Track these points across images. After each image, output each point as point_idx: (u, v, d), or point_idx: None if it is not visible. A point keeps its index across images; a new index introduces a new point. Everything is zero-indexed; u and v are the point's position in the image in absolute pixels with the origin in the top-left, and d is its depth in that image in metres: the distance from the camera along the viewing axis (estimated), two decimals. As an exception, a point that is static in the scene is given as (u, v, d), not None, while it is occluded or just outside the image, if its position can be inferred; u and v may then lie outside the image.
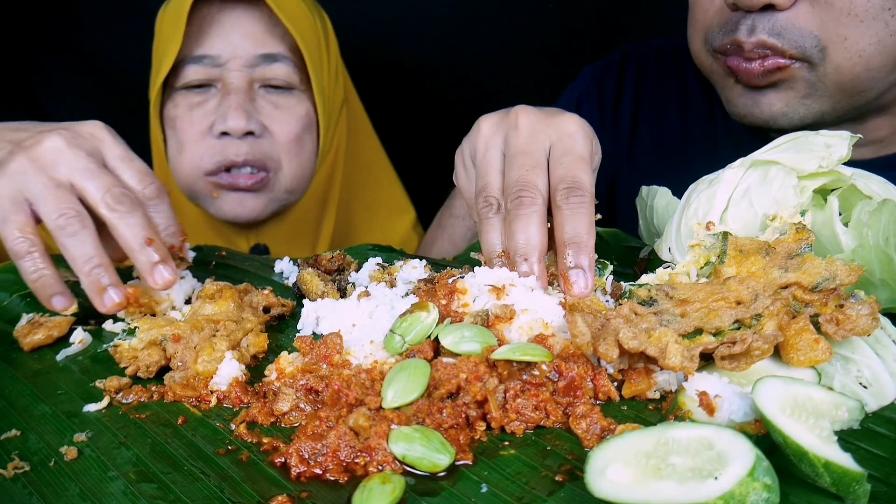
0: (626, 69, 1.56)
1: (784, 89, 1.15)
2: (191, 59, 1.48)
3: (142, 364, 0.84)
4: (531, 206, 0.88)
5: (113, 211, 0.90)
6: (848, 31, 1.09)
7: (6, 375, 0.87)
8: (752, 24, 1.12)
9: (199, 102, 1.50)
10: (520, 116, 0.97)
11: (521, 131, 0.95)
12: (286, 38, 1.50)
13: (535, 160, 0.92)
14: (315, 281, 1.00)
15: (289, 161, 1.53)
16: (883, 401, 0.71)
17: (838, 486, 0.57)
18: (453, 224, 1.46)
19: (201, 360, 0.82)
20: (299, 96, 1.54)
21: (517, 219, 0.88)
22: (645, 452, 0.58)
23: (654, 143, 1.50)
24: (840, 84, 1.12)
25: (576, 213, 0.87)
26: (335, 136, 1.64)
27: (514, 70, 2.15)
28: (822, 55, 1.10)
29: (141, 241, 0.89)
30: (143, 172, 0.96)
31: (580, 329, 0.73)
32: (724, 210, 0.88)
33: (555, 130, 0.95)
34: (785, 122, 1.17)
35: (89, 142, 0.95)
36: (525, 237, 0.87)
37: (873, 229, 0.78)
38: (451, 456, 0.66)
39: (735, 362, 0.70)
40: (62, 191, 0.90)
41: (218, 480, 0.66)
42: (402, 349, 0.78)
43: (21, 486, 0.67)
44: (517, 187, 0.90)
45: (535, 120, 0.96)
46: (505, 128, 0.98)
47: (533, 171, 0.91)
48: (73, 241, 0.88)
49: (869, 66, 1.10)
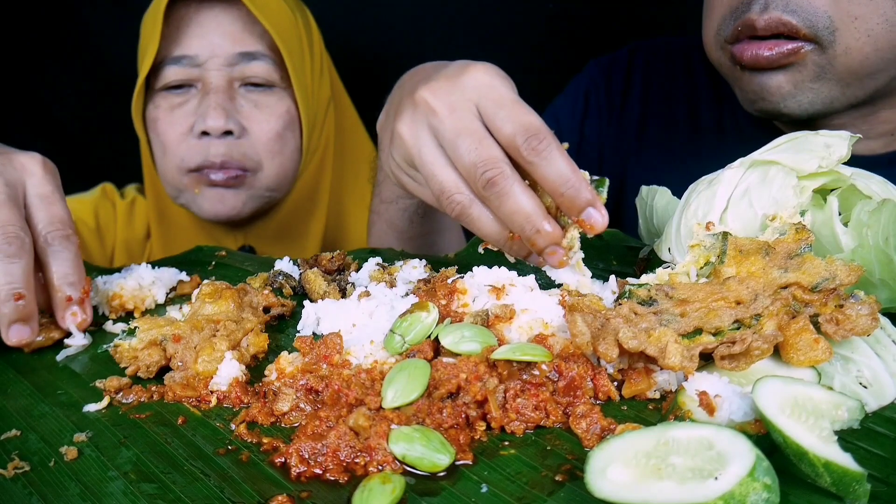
0: (634, 64, 1.56)
1: (792, 71, 1.15)
2: (170, 59, 1.48)
3: (142, 364, 0.84)
4: (504, 180, 0.83)
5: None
6: (859, 9, 1.09)
7: (6, 375, 0.87)
8: (766, 1, 1.12)
9: (179, 103, 1.50)
10: (428, 100, 0.89)
11: (441, 113, 0.87)
12: (265, 36, 1.50)
13: (475, 134, 0.85)
14: (318, 281, 1.00)
15: (270, 160, 1.53)
16: (883, 401, 0.71)
17: (838, 486, 0.57)
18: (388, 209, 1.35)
19: (201, 360, 0.82)
20: (280, 94, 1.53)
21: (500, 199, 0.83)
22: (645, 452, 0.58)
23: (662, 139, 1.49)
24: (849, 67, 1.12)
25: (549, 158, 0.82)
26: (322, 134, 1.64)
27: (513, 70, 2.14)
28: (832, 37, 1.11)
29: (7, 294, 0.86)
30: (56, 217, 0.92)
31: (580, 329, 0.73)
32: (724, 210, 0.88)
33: (471, 91, 0.88)
34: (794, 104, 1.17)
35: (16, 172, 0.92)
36: (520, 211, 0.83)
37: (873, 229, 0.78)
38: (451, 456, 0.66)
39: (735, 362, 0.70)
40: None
41: (218, 480, 0.66)
42: (402, 349, 0.78)
43: (21, 486, 0.67)
44: (479, 170, 0.83)
45: (446, 92, 0.88)
46: (421, 118, 0.90)
47: (482, 145, 0.84)
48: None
49: (877, 45, 1.11)
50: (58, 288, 0.91)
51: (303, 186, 1.64)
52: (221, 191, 1.52)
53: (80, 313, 0.92)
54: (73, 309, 0.92)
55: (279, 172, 1.56)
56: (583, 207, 0.81)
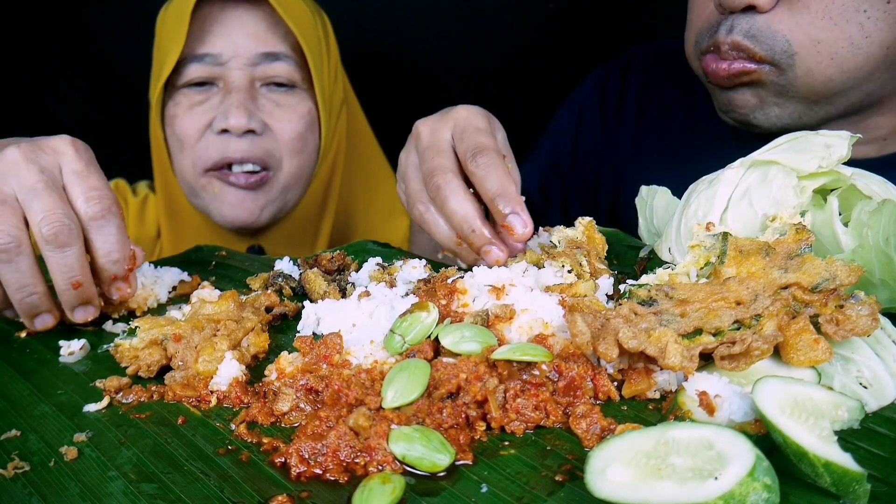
0: (631, 72, 1.58)
1: (755, 88, 1.18)
2: (192, 57, 1.48)
3: (143, 363, 0.84)
4: (447, 185, 0.95)
5: (47, 244, 0.87)
6: (822, 34, 1.10)
7: (6, 375, 0.87)
8: (731, 24, 1.15)
9: (200, 101, 1.50)
10: (418, 127, 1.06)
11: (423, 136, 1.04)
12: (287, 38, 1.51)
13: (436, 148, 1.00)
14: (319, 281, 1.00)
15: (290, 159, 1.54)
16: (883, 401, 0.71)
17: (838, 486, 0.57)
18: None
19: (202, 359, 0.82)
20: (301, 95, 1.54)
21: (443, 201, 0.96)
22: (645, 452, 0.58)
23: (659, 145, 1.50)
24: (812, 87, 1.14)
25: (488, 169, 0.95)
26: (335, 135, 1.65)
27: (514, 72, 2.15)
28: (791, 60, 1.12)
29: (67, 283, 0.88)
30: (94, 189, 0.91)
31: (580, 329, 0.73)
32: (724, 210, 0.88)
33: (450, 120, 1.03)
34: (762, 117, 1.20)
35: (48, 157, 0.91)
36: (458, 213, 0.94)
37: (873, 229, 0.78)
38: (451, 456, 0.66)
39: (735, 362, 0.70)
40: (6, 209, 0.87)
41: (218, 480, 0.66)
42: (402, 349, 0.78)
43: (21, 486, 0.67)
44: (428, 177, 0.97)
45: (432, 122, 1.05)
46: (412, 142, 1.07)
47: (438, 157, 0.99)
48: (6, 267, 0.87)
49: (842, 68, 1.12)
50: (102, 267, 0.92)
51: (316, 188, 1.65)
52: (242, 194, 1.51)
53: (125, 287, 0.94)
54: (117, 284, 0.94)
55: (297, 173, 1.56)
56: (511, 213, 0.93)
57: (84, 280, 0.89)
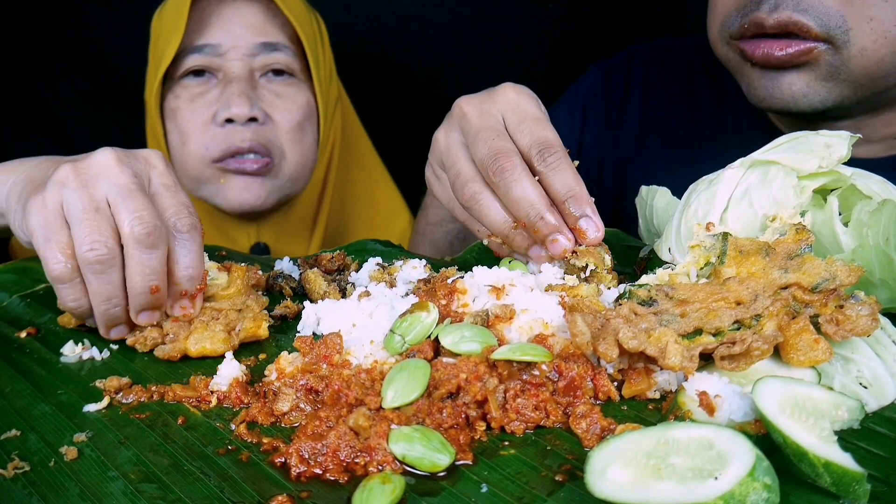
0: (632, 69, 1.56)
1: (805, 70, 1.13)
2: (191, 48, 1.50)
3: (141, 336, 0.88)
4: (514, 169, 0.89)
5: (137, 243, 0.84)
6: (874, 10, 1.06)
7: (6, 375, 0.87)
8: (776, 1, 1.10)
9: (200, 93, 1.51)
10: (462, 106, 0.99)
11: (470, 116, 0.97)
12: (285, 29, 1.53)
13: (494, 131, 0.93)
14: (319, 281, 1.01)
15: (291, 149, 1.55)
16: (883, 401, 0.71)
17: (838, 486, 0.57)
18: (432, 231, 1.48)
19: (193, 338, 0.83)
20: (299, 85, 1.56)
21: (508, 185, 0.89)
22: (645, 452, 0.58)
23: (662, 144, 1.50)
24: (865, 68, 1.10)
25: (558, 170, 0.89)
26: (332, 128, 1.66)
27: (512, 71, 2.14)
28: (846, 36, 1.08)
29: (146, 286, 0.86)
30: (184, 204, 0.91)
31: (580, 329, 0.73)
32: (724, 210, 0.87)
33: (501, 103, 0.97)
34: (805, 103, 1.15)
35: (141, 165, 0.91)
36: (526, 198, 0.89)
37: (873, 229, 0.78)
38: (451, 456, 0.66)
39: (735, 362, 0.70)
40: (98, 217, 0.84)
41: (218, 480, 0.66)
42: (402, 349, 0.78)
43: (21, 486, 0.67)
44: (491, 158, 0.90)
45: (478, 102, 0.98)
46: (454, 124, 1.00)
47: (499, 139, 0.92)
48: (96, 278, 0.85)
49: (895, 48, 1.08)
50: (178, 281, 0.90)
51: (316, 181, 1.66)
52: (248, 179, 1.52)
53: (189, 306, 0.91)
54: (183, 303, 0.91)
55: (300, 162, 1.57)
56: (581, 216, 0.89)
57: (162, 286, 0.87)
